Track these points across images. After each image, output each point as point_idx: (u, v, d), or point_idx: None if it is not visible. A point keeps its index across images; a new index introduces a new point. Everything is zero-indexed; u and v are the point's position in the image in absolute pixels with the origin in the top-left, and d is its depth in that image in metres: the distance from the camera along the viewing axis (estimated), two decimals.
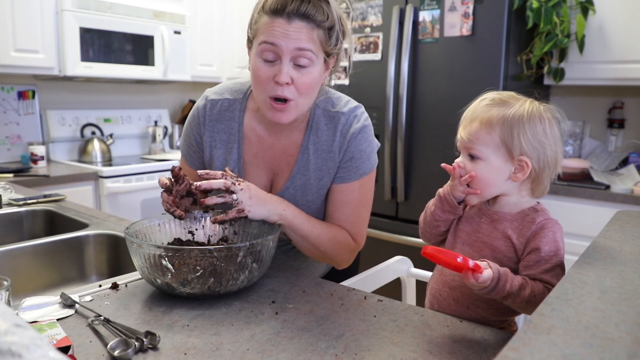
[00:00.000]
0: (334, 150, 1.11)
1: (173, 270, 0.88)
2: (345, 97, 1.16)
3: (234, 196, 0.96)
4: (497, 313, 0.90)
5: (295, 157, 1.13)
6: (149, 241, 1.02)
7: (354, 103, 1.15)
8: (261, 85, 1.01)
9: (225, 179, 0.97)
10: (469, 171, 0.88)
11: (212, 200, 0.96)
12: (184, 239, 1.07)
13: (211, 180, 0.96)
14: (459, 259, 0.77)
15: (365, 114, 1.14)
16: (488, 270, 0.79)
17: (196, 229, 1.09)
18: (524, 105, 0.87)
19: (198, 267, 0.88)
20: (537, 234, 0.86)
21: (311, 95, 1.05)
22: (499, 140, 0.86)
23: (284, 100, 1.00)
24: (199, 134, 1.17)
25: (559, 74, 2.44)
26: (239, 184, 0.97)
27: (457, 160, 0.92)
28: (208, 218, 1.10)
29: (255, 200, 0.98)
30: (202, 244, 1.07)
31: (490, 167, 0.87)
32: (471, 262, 0.77)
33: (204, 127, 1.15)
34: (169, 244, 1.04)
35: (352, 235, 1.14)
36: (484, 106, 0.89)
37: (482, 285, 0.79)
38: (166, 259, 0.88)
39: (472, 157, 0.89)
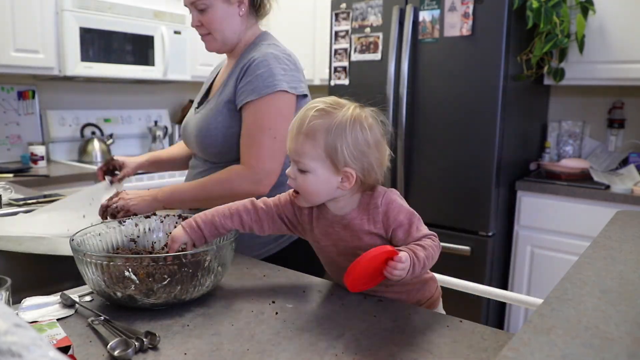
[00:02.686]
0: (236, 71, 1.28)
1: (137, 281, 0.84)
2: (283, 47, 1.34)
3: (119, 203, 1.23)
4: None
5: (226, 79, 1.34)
6: (95, 252, 0.93)
7: (286, 49, 1.32)
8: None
9: (107, 214, 1.24)
10: (299, 183, 0.90)
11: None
12: (126, 247, 1.04)
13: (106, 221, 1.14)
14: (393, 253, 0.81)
15: (285, 54, 1.27)
16: (402, 253, 0.82)
17: (138, 236, 1.07)
18: (346, 114, 0.87)
19: (165, 276, 0.84)
20: (388, 212, 0.90)
21: (222, 28, 1.29)
22: (324, 154, 0.87)
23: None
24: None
25: (559, 74, 2.44)
26: (119, 199, 1.23)
27: (287, 171, 0.93)
28: (148, 224, 1.09)
29: (135, 198, 1.23)
30: (148, 251, 1.06)
31: (318, 179, 0.89)
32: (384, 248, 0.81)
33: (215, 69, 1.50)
34: (113, 253, 1.00)
35: (248, 161, 1.22)
36: (309, 117, 0.88)
37: (405, 266, 0.81)
38: (130, 269, 0.84)
39: (301, 171, 0.90)
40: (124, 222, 1.07)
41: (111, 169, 1.49)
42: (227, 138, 1.28)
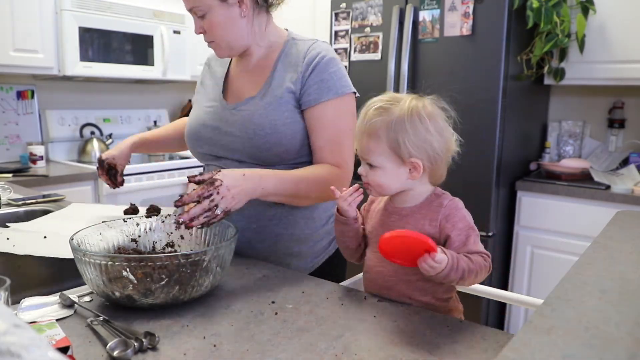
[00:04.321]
0: (299, 63, 1.20)
1: (135, 281, 0.84)
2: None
3: (218, 211, 0.96)
4: (442, 291, 0.95)
5: (267, 76, 1.23)
6: (94, 252, 0.92)
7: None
8: None
9: (202, 197, 0.95)
10: (370, 179, 0.94)
11: (197, 221, 0.95)
12: (127, 247, 1.04)
13: (193, 211, 0.94)
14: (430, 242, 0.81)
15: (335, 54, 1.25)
16: (440, 254, 0.83)
17: (139, 236, 1.06)
18: (402, 107, 0.91)
19: (163, 276, 0.84)
20: (449, 216, 0.92)
21: (224, 33, 1.20)
22: (388, 149, 0.91)
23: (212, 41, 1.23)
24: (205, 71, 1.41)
25: (559, 73, 2.44)
26: (217, 193, 0.96)
27: (359, 170, 0.97)
28: (148, 224, 1.07)
29: (238, 196, 0.99)
30: (149, 251, 1.06)
31: (387, 173, 0.93)
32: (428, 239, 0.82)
33: (208, 65, 1.41)
34: (114, 253, 1.00)
35: (336, 162, 1.17)
36: (370, 116, 0.93)
37: (438, 267, 0.82)
38: (128, 269, 0.84)
39: (371, 166, 0.94)
40: (126, 220, 1.07)
41: (108, 168, 1.45)
42: (295, 134, 1.18)
